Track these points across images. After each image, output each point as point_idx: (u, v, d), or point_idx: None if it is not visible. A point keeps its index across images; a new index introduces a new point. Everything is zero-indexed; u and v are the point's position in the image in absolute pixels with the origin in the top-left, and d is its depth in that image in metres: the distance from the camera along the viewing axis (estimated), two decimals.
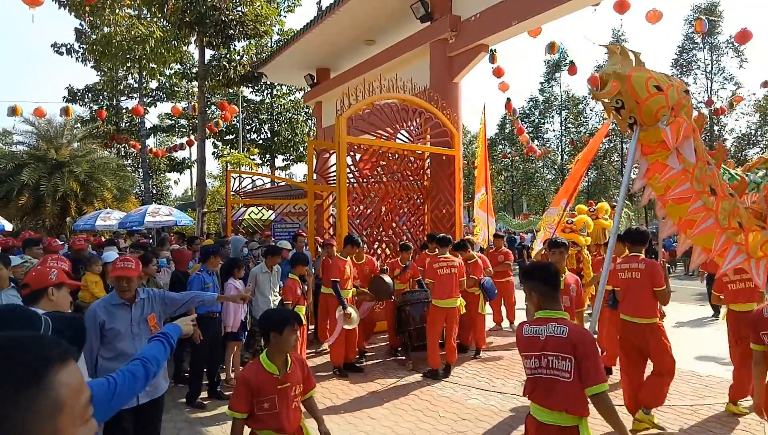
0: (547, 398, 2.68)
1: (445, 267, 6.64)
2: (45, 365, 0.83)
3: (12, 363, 0.81)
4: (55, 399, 0.82)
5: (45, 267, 2.96)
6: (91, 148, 22.90)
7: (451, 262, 6.72)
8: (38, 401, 0.80)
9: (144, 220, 14.61)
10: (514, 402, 5.64)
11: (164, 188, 45.58)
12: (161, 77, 25.46)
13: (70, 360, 0.88)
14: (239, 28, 15.68)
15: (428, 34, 10.52)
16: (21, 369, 0.81)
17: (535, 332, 2.75)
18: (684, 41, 35.04)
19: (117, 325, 3.46)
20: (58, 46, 21.05)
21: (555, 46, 15.78)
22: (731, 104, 27.30)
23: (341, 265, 6.84)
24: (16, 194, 19.00)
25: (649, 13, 12.08)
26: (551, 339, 2.67)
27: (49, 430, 0.81)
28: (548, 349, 2.67)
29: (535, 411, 2.77)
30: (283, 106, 30.75)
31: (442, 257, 6.73)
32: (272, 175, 25.44)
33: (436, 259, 6.77)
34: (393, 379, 6.58)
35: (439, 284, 6.61)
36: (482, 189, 9.86)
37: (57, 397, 0.82)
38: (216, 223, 23.20)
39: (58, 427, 0.82)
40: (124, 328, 3.49)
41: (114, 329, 3.44)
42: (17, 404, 0.78)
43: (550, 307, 2.79)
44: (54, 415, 0.82)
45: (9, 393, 0.78)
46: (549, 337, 2.68)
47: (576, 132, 40.50)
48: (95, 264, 6.23)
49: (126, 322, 3.51)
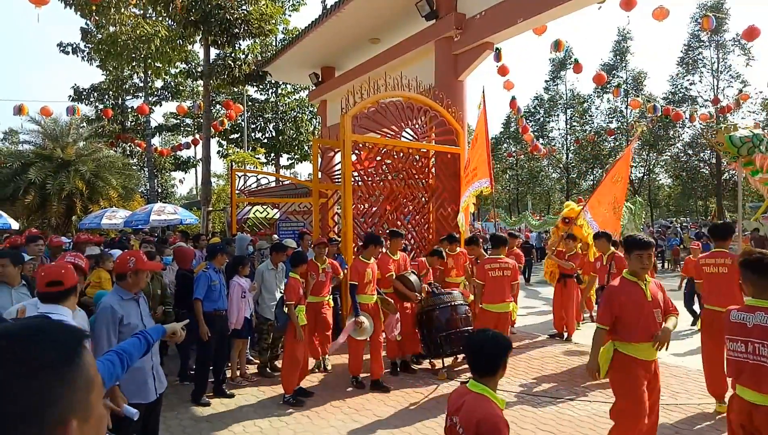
0: (756, 383, 2.89)
1: (498, 269, 6.31)
2: (78, 345, 0.89)
3: (55, 344, 0.85)
4: (86, 377, 0.87)
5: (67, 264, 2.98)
6: (96, 147, 22.99)
7: (504, 263, 6.37)
8: (77, 379, 0.85)
9: (149, 218, 14.67)
10: (511, 399, 5.63)
11: (169, 187, 45.70)
12: (166, 76, 25.40)
13: (88, 340, 0.93)
14: (244, 27, 15.69)
15: (433, 32, 10.49)
16: (62, 349, 0.86)
17: (743, 319, 2.98)
18: (690, 39, 34.83)
19: (133, 320, 3.52)
20: (64, 46, 21.12)
21: (561, 44, 15.72)
22: (738, 102, 27.13)
23: (361, 268, 6.20)
24: (23, 193, 19.10)
25: (655, 10, 12.02)
26: (758, 327, 2.90)
27: (85, 407, 0.86)
28: (754, 336, 2.90)
29: (743, 392, 2.97)
30: (288, 104, 30.75)
31: (495, 258, 6.41)
32: (277, 174, 25.48)
33: (489, 260, 6.40)
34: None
35: (491, 287, 6.25)
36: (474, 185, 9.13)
37: (88, 375, 0.87)
38: (221, 221, 23.22)
39: (91, 403, 0.87)
40: (138, 321, 3.55)
41: (131, 324, 3.49)
42: (64, 383, 0.83)
43: (760, 296, 3.00)
44: (88, 392, 0.87)
45: (56, 373, 0.82)
46: (756, 325, 2.90)
47: (581, 130, 40.34)
48: (107, 260, 6.26)
49: (138, 316, 3.58)
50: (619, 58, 38.28)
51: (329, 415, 5.38)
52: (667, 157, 38.78)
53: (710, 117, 29.22)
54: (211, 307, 5.75)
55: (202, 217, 16.83)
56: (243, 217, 14.42)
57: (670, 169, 39.40)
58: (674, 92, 35.49)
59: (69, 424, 0.82)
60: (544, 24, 10.67)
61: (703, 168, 36.11)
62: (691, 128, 35.53)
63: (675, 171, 38.25)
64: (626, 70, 38.43)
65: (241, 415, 5.40)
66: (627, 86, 37.28)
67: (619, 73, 38.20)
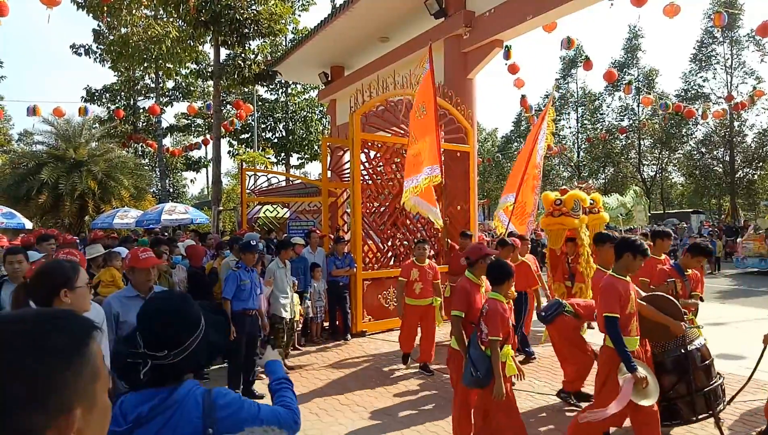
0: None
1: None
2: (87, 335, 0.90)
3: (65, 331, 0.87)
4: (93, 366, 0.89)
5: None
6: (108, 147, 23.14)
7: None
8: (84, 368, 0.87)
9: (161, 218, 14.78)
10: (545, 401, 5.60)
11: (180, 187, 46.04)
12: (177, 77, 25.67)
13: (97, 331, 0.94)
14: (254, 27, 15.73)
15: (442, 30, 10.47)
16: (71, 338, 0.87)
17: None
18: (703, 35, 34.49)
19: (130, 319, 3.49)
20: (77, 47, 21.37)
21: (572, 41, 15.60)
22: (752, 99, 26.77)
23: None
24: (36, 193, 19.28)
25: (666, 6, 11.88)
26: None
27: (90, 395, 0.87)
28: None
29: None
30: (298, 104, 30.83)
31: None
32: (287, 174, 25.54)
33: None
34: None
35: None
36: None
37: (95, 365, 0.89)
38: (231, 221, 23.34)
39: (96, 392, 0.89)
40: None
41: (127, 323, 3.47)
42: (71, 371, 0.85)
43: None
44: (93, 381, 0.89)
45: (64, 359, 0.84)
46: None
47: (593, 128, 40.10)
48: (116, 259, 6.28)
49: None
50: (631, 55, 37.99)
51: (337, 413, 5.38)
52: (679, 155, 38.42)
53: (724, 114, 28.86)
54: (239, 307, 5.78)
55: (213, 216, 16.92)
56: (253, 217, 14.47)
57: (682, 167, 39.03)
58: (687, 89, 35.15)
59: (73, 412, 0.83)
60: (553, 21, 10.60)
61: (716, 166, 35.73)
62: (704, 126, 35.17)
63: (688, 169, 37.89)
64: (638, 68, 38.12)
65: None
66: (639, 83, 36.98)
67: (631, 70, 37.90)
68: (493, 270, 4.09)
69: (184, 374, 1.64)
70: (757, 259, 17.17)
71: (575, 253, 7.84)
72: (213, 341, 1.66)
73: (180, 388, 1.60)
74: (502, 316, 3.90)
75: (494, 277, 4.05)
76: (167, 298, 1.81)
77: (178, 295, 1.80)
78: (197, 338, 1.61)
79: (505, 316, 3.96)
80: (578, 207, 7.95)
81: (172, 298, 1.78)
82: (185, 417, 1.55)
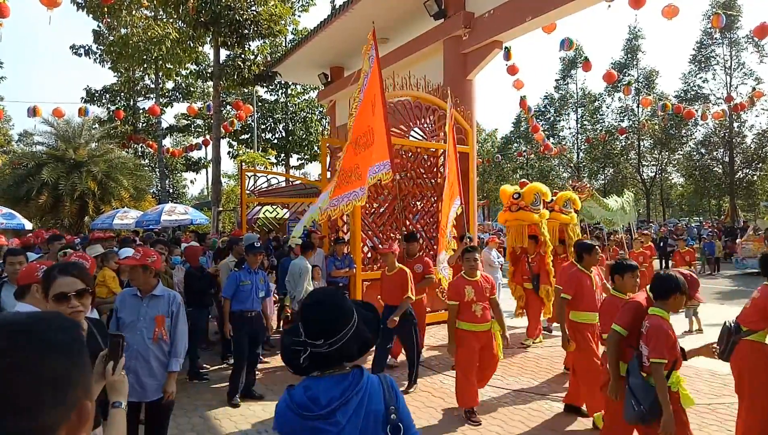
0: None
1: None
2: (80, 333, 0.97)
3: (61, 329, 0.92)
4: (88, 360, 0.95)
5: (37, 264, 2.97)
6: (108, 148, 23.16)
7: None
8: (86, 362, 0.93)
9: (160, 218, 14.79)
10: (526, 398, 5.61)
11: (180, 187, 46.06)
12: (177, 77, 25.70)
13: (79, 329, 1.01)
14: (253, 28, 15.75)
15: (442, 31, 10.49)
16: (72, 337, 0.93)
17: None
18: (702, 36, 34.49)
19: (124, 315, 3.55)
20: (77, 48, 21.39)
21: (573, 42, 15.60)
22: (752, 100, 26.78)
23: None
24: (36, 193, 19.29)
25: (665, 8, 11.89)
26: None
27: (86, 388, 0.92)
28: None
29: None
30: (298, 105, 30.87)
31: None
32: (287, 174, 25.57)
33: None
34: None
35: None
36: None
37: (88, 358, 0.95)
38: (231, 221, 23.35)
39: (89, 384, 0.94)
40: (130, 319, 3.55)
41: (122, 319, 3.54)
42: (79, 366, 0.90)
43: None
44: (90, 374, 0.96)
45: (68, 355, 0.89)
46: None
47: (592, 129, 40.10)
48: (112, 259, 6.28)
49: (134, 314, 3.56)
50: (631, 56, 38.01)
51: None
52: (679, 156, 38.42)
53: (723, 115, 28.87)
54: (237, 307, 5.77)
55: (213, 217, 16.93)
56: (253, 217, 14.50)
57: (682, 168, 39.04)
58: (686, 90, 35.15)
59: (86, 404, 0.90)
60: (552, 22, 10.62)
61: (715, 167, 35.73)
62: (703, 126, 35.19)
63: (687, 170, 37.89)
64: (638, 69, 38.14)
65: (251, 415, 5.43)
66: (638, 84, 37.00)
67: (631, 71, 37.92)
68: (657, 282, 3.55)
69: (340, 363, 1.78)
70: (757, 259, 17.15)
71: (536, 252, 7.67)
72: (364, 336, 1.80)
73: (365, 373, 1.78)
74: (666, 334, 3.34)
75: (658, 290, 3.51)
76: (325, 292, 1.97)
77: (335, 291, 1.94)
78: (350, 330, 1.74)
79: (671, 336, 3.39)
80: (539, 201, 7.57)
81: (329, 292, 1.93)
82: (374, 398, 1.74)
